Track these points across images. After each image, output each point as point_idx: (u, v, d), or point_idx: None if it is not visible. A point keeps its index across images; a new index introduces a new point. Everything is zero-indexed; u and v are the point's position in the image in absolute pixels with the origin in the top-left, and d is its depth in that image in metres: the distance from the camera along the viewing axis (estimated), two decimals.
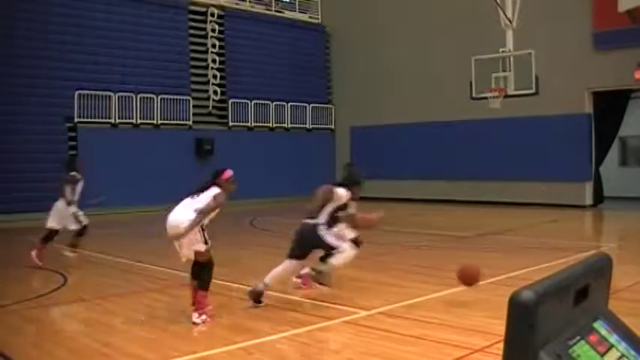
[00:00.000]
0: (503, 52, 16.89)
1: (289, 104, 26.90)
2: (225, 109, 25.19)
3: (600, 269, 1.87)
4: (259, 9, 27.19)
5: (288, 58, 27.18)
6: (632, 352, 1.82)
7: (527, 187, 21.96)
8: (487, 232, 15.83)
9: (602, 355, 1.74)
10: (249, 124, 25.61)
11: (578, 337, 1.70)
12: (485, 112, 19.32)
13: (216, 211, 7.36)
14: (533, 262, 10.27)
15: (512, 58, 16.84)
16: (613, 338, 1.81)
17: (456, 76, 21.53)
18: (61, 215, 11.32)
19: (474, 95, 17.63)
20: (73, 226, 11.42)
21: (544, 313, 1.50)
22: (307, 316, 7.36)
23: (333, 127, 28.67)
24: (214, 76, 25.06)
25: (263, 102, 26.05)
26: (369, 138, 26.77)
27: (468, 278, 7.89)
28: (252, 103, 25.66)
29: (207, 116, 24.90)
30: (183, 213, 7.19)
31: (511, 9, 16.78)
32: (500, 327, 1.58)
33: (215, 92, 25.06)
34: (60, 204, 11.36)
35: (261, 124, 26.00)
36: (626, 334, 1.85)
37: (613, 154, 24.23)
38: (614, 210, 21.54)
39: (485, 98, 17.21)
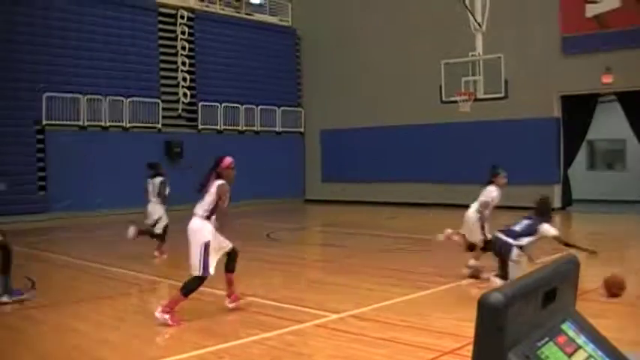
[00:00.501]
0: (472, 56, 16.98)
1: (259, 107, 26.82)
2: (195, 112, 25.07)
3: (568, 272, 1.89)
4: (229, 12, 27.10)
5: (258, 61, 27.09)
6: (600, 353, 1.84)
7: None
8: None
9: (570, 356, 1.75)
10: (218, 127, 25.50)
11: (546, 339, 1.71)
12: (456, 116, 19.43)
13: (226, 202, 7.45)
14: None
15: (481, 62, 16.94)
16: (581, 339, 1.83)
17: (427, 80, 21.61)
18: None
19: (443, 99, 17.70)
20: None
21: (513, 316, 1.51)
22: (278, 320, 7.33)
23: (302, 130, 28.64)
24: (184, 79, 24.93)
25: (233, 105, 25.95)
26: (340, 141, 26.82)
27: (615, 287, 7.94)
28: (222, 106, 25.56)
29: (176, 119, 24.76)
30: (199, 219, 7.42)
31: (481, 13, 16.88)
32: (470, 329, 1.59)
33: (185, 95, 24.93)
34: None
35: (230, 127, 25.89)
36: (593, 336, 1.87)
37: (581, 157, 24.49)
38: (582, 212, 21.76)
39: (455, 102, 17.29)
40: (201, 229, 7.31)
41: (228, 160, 7.65)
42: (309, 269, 11.87)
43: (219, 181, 7.46)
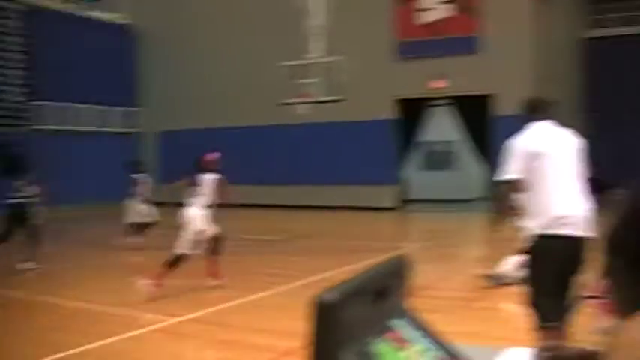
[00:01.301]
0: (311, 58, 17.22)
1: (96, 107, 25.93)
2: (29, 110, 23.89)
3: (399, 269, 1.94)
4: (67, 7, 26.04)
5: (95, 59, 26.14)
6: (432, 347, 1.90)
7: (336, 191, 22.52)
8: (297, 235, 16.08)
9: (402, 350, 1.80)
10: (53, 127, 24.44)
11: (379, 335, 1.75)
12: (295, 118, 19.65)
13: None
14: (341, 264, 10.53)
15: (319, 65, 17.20)
16: (412, 334, 1.89)
17: (266, 81, 21.70)
18: None
19: (283, 101, 17.85)
20: None
21: (346, 314, 1.53)
22: (116, 326, 7.12)
23: (140, 130, 27.97)
24: (17, 77, 23.70)
25: (68, 104, 24.95)
26: (180, 142, 26.38)
27: None
28: (57, 105, 24.52)
29: (7, 119, 23.50)
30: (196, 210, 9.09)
31: (320, 16, 17.15)
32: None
33: (17, 93, 23.70)
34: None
35: (66, 128, 24.89)
36: (424, 331, 1.93)
37: (415, 158, 25.40)
38: (417, 212, 22.62)
39: (294, 103, 17.46)
40: (194, 217, 8.97)
41: (212, 156, 9.63)
42: (148, 274, 11.59)
43: (212, 175, 9.33)
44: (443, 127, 24.78)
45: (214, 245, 9.31)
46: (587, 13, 31.88)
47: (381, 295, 1.77)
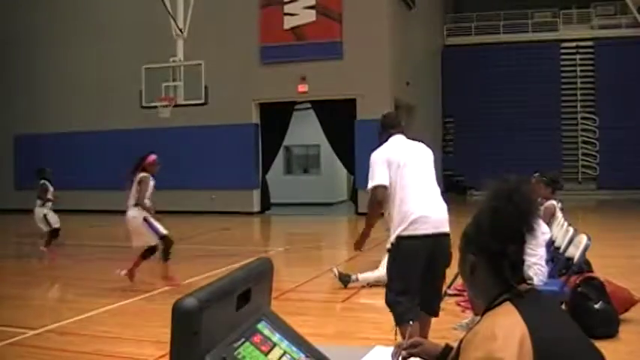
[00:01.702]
0: (173, 61, 16.99)
1: None
2: None
3: (262, 273, 1.95)
4: None
5: None
6: (294, 349, 1.92)
7: (199, 196, 22.32)
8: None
9: (266, 353, 1.81)
10: None
11: (242, 339, 1.75)
12: (158, 122, 19.27)
13: (149, 190, 9.26)
14: (205, 270, 10.44)
15: (182, 68, 17.00)
16: (275, 337, 1.90)
17: (128, 84, 21.19)
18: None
19: (143, 104, 17.50)
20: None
21: (208, 319, 1.52)
22: None
23: None
24: None
25: None
26: (38, 147, 25.36)
27: None
28: None
29: None
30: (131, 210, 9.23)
31: (182, 19, 16.95)
32: None
33: None
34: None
35: None
36: (287, 332, 1.95)
37: (278, 162, 25.55)
38: (280, 216, 22.73)
39: (155, 107, 17.17)
40: (135, 215, 9.14)
41: (152, 157, 9.48)
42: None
43: (143, 173, 9.20)
44: (306, 131, 25.06)
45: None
46: (445, 22, 33.19)
47: (244, 298, 1.76)
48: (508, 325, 1.69)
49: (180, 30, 16.95)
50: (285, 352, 1.88)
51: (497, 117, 29.76)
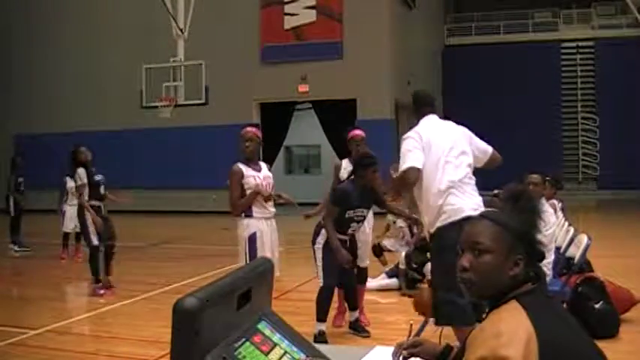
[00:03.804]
0: (174, 61, 16.98)
1: None
2: None
3: (262, 273, 1.95)
4: None
5: None
6: (294, 349, 1.92)
7: (199, 196, 22.30)
8: (160, 241, 15.81)
9: (267, 353, 1.81)
10: None
11: (243, 339, 1.75)
12: (158, 122, 19.26)
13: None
14: (207, 270, 10.46)
15: (182, 68, 16.99)
16: (276, 337, 1.90)
17: (128, 84, 21.20)
18: None
19: (144, 104, 17.50)
20: None
21: (209, 319, 1.52)
22: None
23: None
24: None
25: None
26: (38, 147, 25.33)
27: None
28: None
29: None
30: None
31: (183, 19, 16.95)
32: None
33: None
34: None
35: None
36: (287, 332, 1.95)
37: (279, 162, 25.53)
38: (280, 215, 22.62)
39: (156, 107, 17.16)
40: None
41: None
42: None
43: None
44: (307, 131, 25.05)
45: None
46: (446, 22, 33.20)
47: (245, 298, 1.76)
48: (515, 324, 1.69)
49: (181, 30, 16.94)
50: (285, 352, 1.88)
51: (498, 117, 29.74)
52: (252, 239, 6.37)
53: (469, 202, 4.68)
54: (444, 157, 4.77)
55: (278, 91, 21.91)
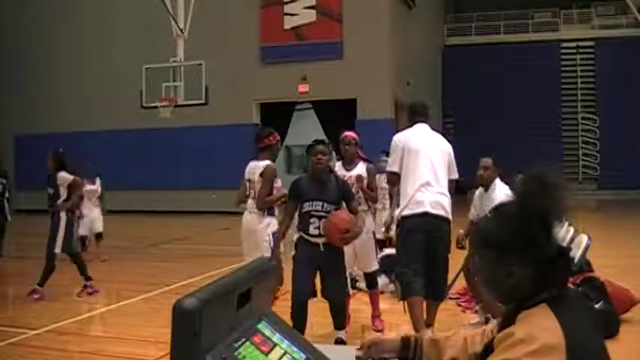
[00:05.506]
0: (174, 61, 16.98)
1: None
2: None
3: (263, 273, 1.94)
4: None
5: None
6: (294, 349, 1.91)
7: (199, 196, 22.30)
8: (159, 241, 15.79)
9: (267, 354, 1.80)
10: None
11: (243, 339, 1.75)
12: (158, 122, 19.28)
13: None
14: (206, 270, 10.45)
15: (182, 68, 17.00)
16: (276, 337, 1.89)
17: (128, 84, 21.21)
18: None
19: (144, 104, 17.50)
20: None
21: (208, 319, 1.51)
22: None
23: None
24: None
25: None
26: (38, 147, 25.28)
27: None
28: None
29: None
30: None
31: (183, 19, 16.95)
32: None
33: None
34: None
35: None
36: (287, 332, 1.94)
37: (279, 162, 25.46)
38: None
39: (156, 107, 17.16)
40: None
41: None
42: None
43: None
44: (307, 131, 25.02)
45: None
46: (446, 22, 33.21)
47: (245, 298, 1.76)
48: (545, 330, 1.65)
49: (181, 30, 16.94)
50: (285, 352, 1.88)
51: (498, 117, 29.76)
52: (275, 236, 6.81)
53: (430, 199, 5.50)
54: (415, 161, 5.65)
55: (278, 91, 21.91)
